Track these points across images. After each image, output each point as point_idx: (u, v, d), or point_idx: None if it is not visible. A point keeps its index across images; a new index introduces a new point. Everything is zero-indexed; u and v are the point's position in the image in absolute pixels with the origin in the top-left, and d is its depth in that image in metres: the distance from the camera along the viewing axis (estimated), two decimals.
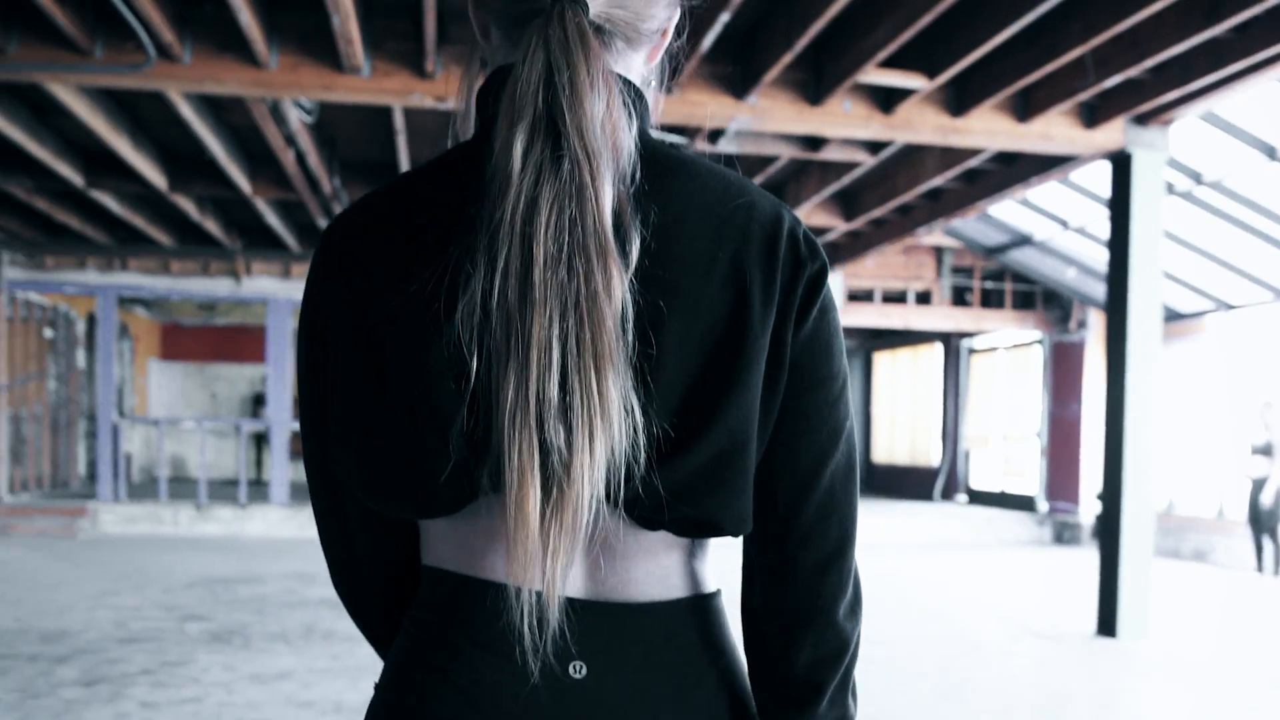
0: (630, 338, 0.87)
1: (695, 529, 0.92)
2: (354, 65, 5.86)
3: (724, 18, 5.09)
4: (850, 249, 11.80)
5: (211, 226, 10.67)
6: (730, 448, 0.91)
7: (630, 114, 0.91)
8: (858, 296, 14.25)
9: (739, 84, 6.27)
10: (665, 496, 0.89)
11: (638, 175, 0.90)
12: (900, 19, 5.24)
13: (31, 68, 5.84)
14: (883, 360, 19.76)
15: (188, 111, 6.91)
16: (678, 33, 1.02)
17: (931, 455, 17.29)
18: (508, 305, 0.84)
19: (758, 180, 8.58)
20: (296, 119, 7.06)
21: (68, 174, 8.59)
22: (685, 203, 0.92)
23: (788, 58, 5.59)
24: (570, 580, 0.91)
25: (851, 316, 13.96)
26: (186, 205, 9.79)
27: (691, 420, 0.90)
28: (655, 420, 0.88)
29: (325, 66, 5.99)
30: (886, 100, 6.45)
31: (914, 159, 8.32)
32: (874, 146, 7.58)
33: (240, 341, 16.63)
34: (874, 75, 5.90)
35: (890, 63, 5.93)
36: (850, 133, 6.59)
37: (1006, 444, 15.33)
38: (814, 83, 6.35)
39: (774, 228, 0.93)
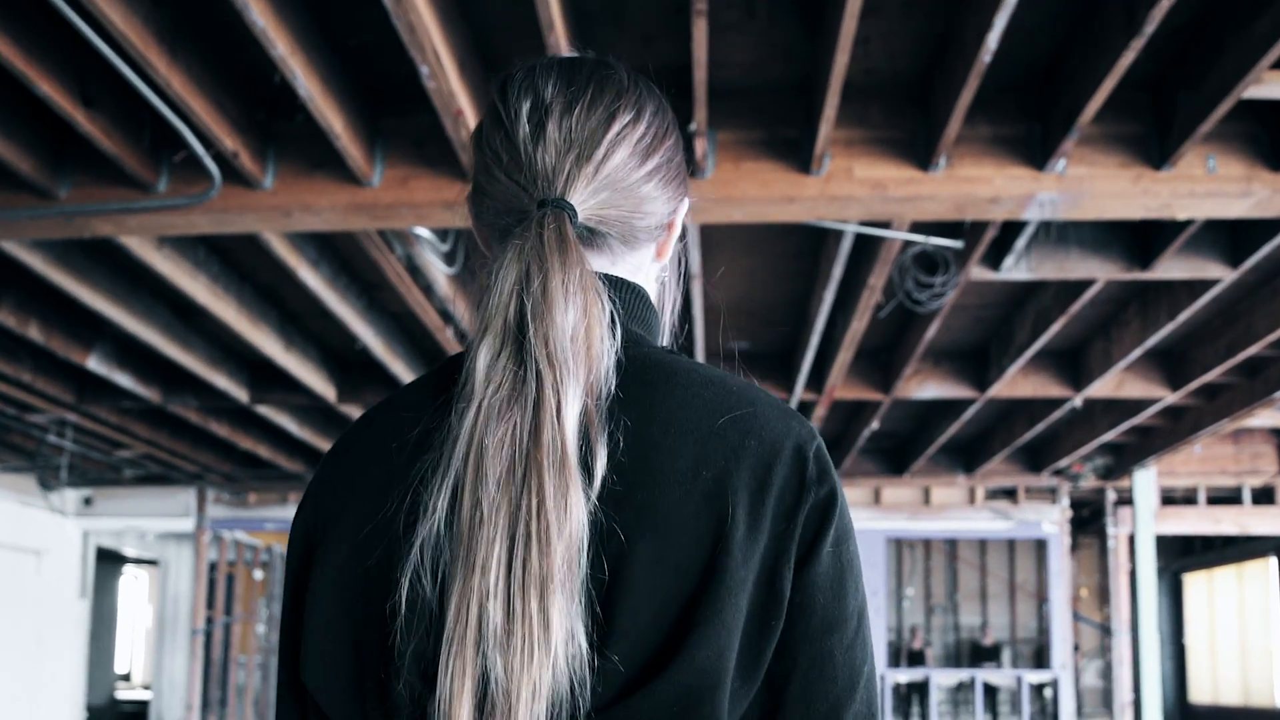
0: (584, 562, 0.72)
1: None
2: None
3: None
4: (1169, 435, 8.79)
5: None
6: (698, 689, 0.73)
7: (614, 320, 0.79)
8: (1173, 500, 10.94)
9: (1037, 145, 3.93)
10: None
11: (612, 386, 0.77)
12: None
13: (86, 211, 4.25)
14: (1196, 582, 15.85)
15: (313, 281, 5.19)
16: None
17: (1273, 693, 14.09)
18: (460, 525, 0.72)
19: (1043, 340, 6.05)
20: (442, 277, 5.20)
21: (228, 387, 7.10)
22: (668, 416, 0.78)
23: (1127, 58, 3.21)
24: None
25: (1167, 524, 10.66)
26: None
27: (654, 656, 0.73)
28: (611, 654, 0.72)
29: (443, 175, 4.10)
30: (1276, 148, 3.90)
31: None
32: (1236, 252, 4.93)
33: None
34: (1266, 85, 3.41)
35: None
36: (1216, 209, 4.04)
37: None
38: (1155, 134, 3.91)
39: (773, 446, 0.77)
